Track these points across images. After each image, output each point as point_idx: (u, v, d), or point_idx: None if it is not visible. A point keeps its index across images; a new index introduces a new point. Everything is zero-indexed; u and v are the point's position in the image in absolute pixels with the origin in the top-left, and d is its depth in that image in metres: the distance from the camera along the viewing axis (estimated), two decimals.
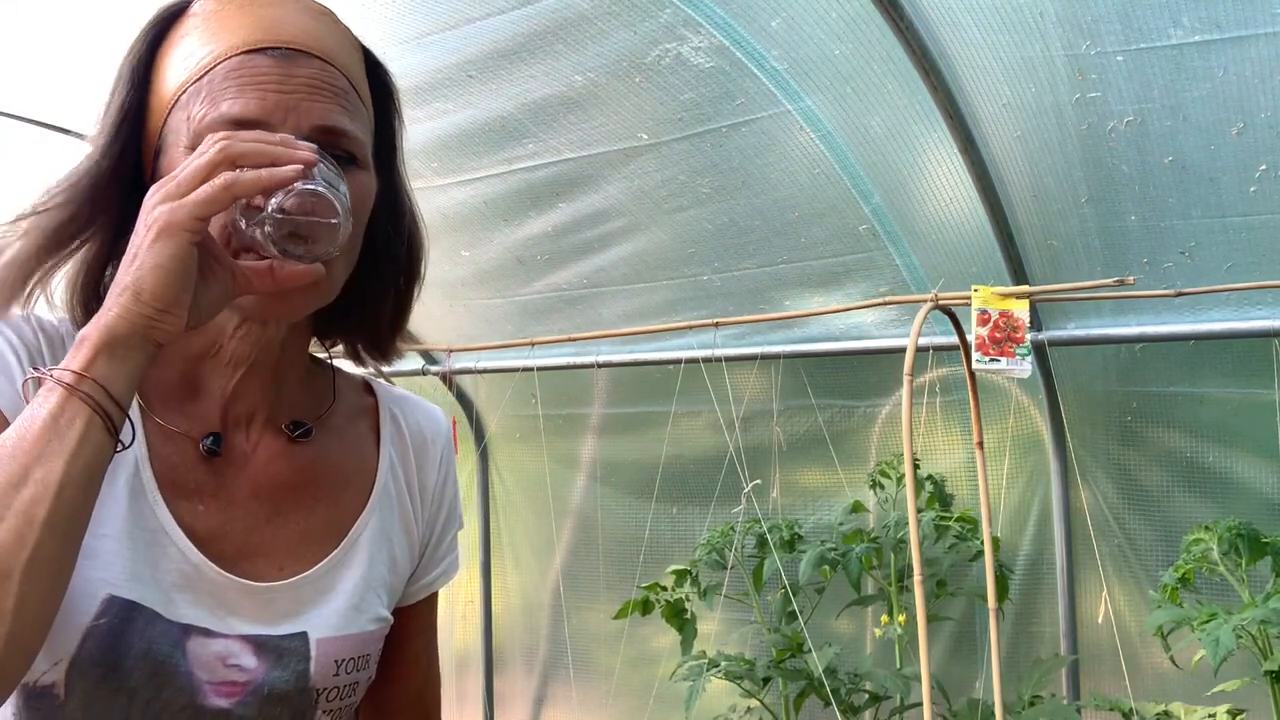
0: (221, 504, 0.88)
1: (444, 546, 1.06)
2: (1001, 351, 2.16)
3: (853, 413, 3.26)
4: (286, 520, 0.91)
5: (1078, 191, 2.44)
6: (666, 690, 3.21)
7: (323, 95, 0.83)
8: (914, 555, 2.10)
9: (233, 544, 0.87)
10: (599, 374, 3.64)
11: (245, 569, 0.87)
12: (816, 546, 2.84)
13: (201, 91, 0.81)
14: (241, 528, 0.88)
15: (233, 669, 0.85)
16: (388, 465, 1.00)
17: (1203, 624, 2.09)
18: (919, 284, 2.82)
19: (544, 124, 2.73)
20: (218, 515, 0.87)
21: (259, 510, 0.90)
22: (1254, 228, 2.35)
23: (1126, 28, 2.06)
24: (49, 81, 2.91)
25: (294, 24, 0.84)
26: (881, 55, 2.26)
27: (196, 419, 0.90)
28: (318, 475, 0.94)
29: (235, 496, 0.89)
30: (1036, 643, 2.99)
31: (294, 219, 0.76)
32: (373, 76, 0.93)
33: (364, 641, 0.93)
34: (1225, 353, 2.65)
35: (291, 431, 0.94)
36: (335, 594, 0.92)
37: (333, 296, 0.87)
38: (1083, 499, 2.86)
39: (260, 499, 0.90)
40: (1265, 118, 2.14)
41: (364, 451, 0.99)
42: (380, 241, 0.94)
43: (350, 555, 0.94)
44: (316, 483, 0.94)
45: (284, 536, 0.90)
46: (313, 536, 0.92)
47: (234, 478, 0.90)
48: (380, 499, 0.97)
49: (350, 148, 0.84)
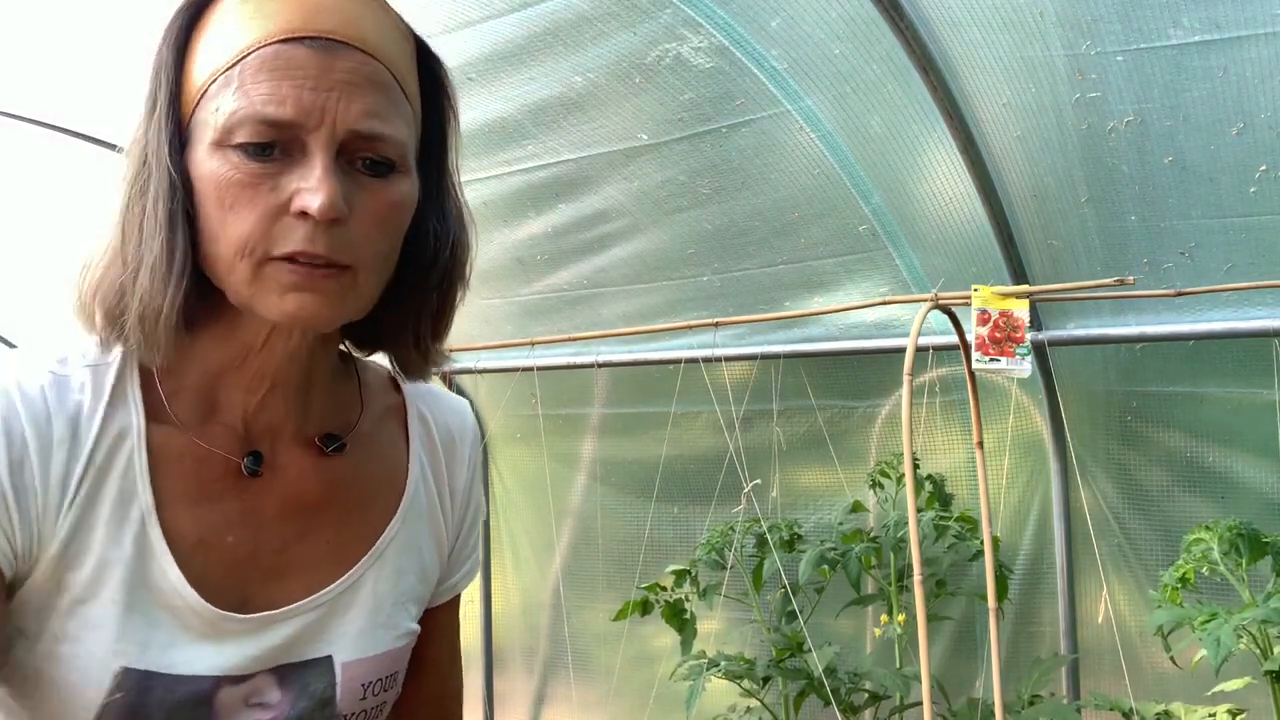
0: (251, 529, 0.83)
1: (468, 547, 1.02)
2: (1001, 351, 2.16)
3: (852, 412, 3.26)
4: (317, 537, 0.87)
5: (1078, 191, 2.44)
6: (666, 690, 3.21)
7: (362, 94, 0.76)
8: (914, 555, 2.10)
9: (261, 568, 0.83)
10: (599, 374, 3.64)
11: (274, 592, 0.83)
12: (816, 546, 2.84)
13: (232, 82, 0.75)
14: (269, 550, 0.84)
15: (255, 708, 0.81)
16: (418, 470, 0.95)
17: (1203, 624, 2.09)
18: (919, 284, 2.82)
19: (544, 125, 2.73)
20: (248, 542, 0.83)
21: (289, 530, 0.85)
22: (1254, 228, 2.36)
23: (1126, 28, 2.06)
24: (49, 81, 2.91)
25: (336, 11, 0.77)
26: (881, 55, 2.26)
27: (218, 438, 0.84)
28: (348, 487, 0.90)
29: (265, 518, 0.84)
30: (1036, 642, 2.99)
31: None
32: (423, 68, 0.85)
33: (392, 660, 0.89)
34: (1225, 353, 2.65)
35: (325, 446, 0.89)
36: (360, 611, 0.88)
37: (368, 306, 0.81)
38: (1083, 499, 2.86)
39: (288, 518, 0.86)
40: (1265, 118, 2.14)
41: (394, 456, 0.94)
42: (423, 245, 0.87)
43: (376, 569, 0.89)
44: (347, 495, 0.89)
45: (312, 554, 0.86)
46: (342, 552, 0.88)
47: (262, 497, 0.85)
48: (410, 507, 0.93)
49: (387, 152, 0.78)
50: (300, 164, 0.75)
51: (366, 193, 0.77)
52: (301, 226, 0.74)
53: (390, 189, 0.79)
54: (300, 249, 0.74)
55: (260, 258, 0.75)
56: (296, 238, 0.74)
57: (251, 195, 0.74)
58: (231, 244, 0.75)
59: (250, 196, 0.74)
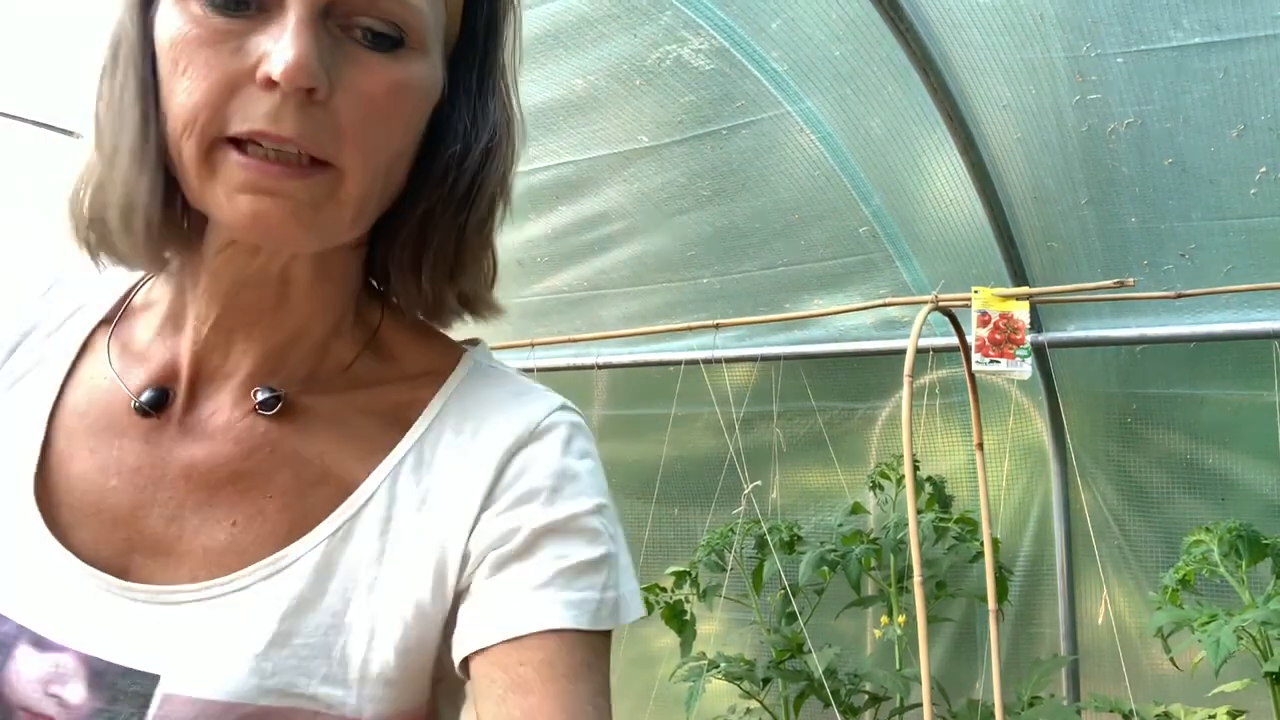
0: (143, 480, 0.65)
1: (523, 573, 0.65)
2: (1001, 353, 2.16)
3: (853, 414, 3.26)
4: (220, 516, 0.65)
5: (1078, 193, 2.44)
6: (666, 691, 3.21)
7: None
8: (914, 556, 2.10)
9: (147, 534, 0.64)
10: (599, 375, 3.64)
11: (157, 568, 0.64)
12: (816, 548, 2.84)
13: None
14: (159, 514, 0.65)
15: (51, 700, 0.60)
16: (391, 473, 0.68)
17: (1203, 625, 2.09)
18: (919, 285, 2.83)
19: (544, 128, 2.73)
20: (131, 493, 0.65)
21: (187, 496, 0.65)
22: (1254, 230, 2.36)
23: (1126, 30, 2.06)
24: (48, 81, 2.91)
25: None
26: (881, 57, 2.26)
27: (144, 364, 0.69)
28: (283, 463, 0.67)
29: (164, 473, 0.66)
30: (1036, 644, 2.99)
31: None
32: None
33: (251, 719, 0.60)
34: (1225, 354, 2.65)
35: (255, 398, 0.68)
36: (231, 632, 0.61)
37: (357, 225, 0.63)
38: (1083, 500, 2.86)
39: (192, 481, 0.65)
40: (1265, 120, 2.14)
41: (366, 453, 0.68)
42: (446, 148, 0.67)
43: (276, 583, 0.63)
44: (275, 472, 0.66)
45: (208, 536, 0.64)
46: (244, 545, 0.64)
47: (171, 450, 0.66)
48: (365, 517, 0.66)
49: (394, 16, 0.60)
50: (275, 21, 0.58)
51: (361, 68, 0.60)
52: (266, 99, 0.57)
53: (395, 67, 0.61)
54: (260, 128, 0.57)
55: (210, 137, 0.58)
56: (256, 112, 0.57)
57: (209, 56, 0.57)
58: (177, 119, 0.59)
59: (206, 57, 0.57)
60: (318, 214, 0.59)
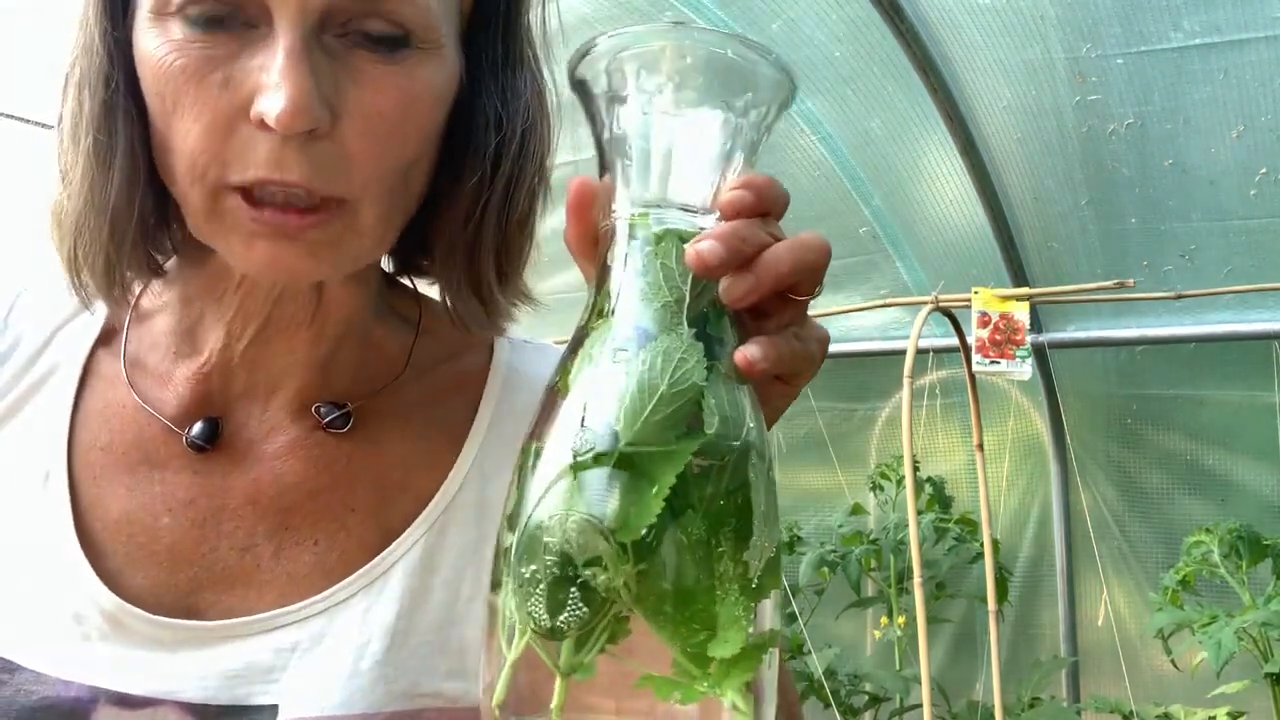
0: (200, 513, 0.60)
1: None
2: (1001, 353, 2.16)
3: (853, 415, 3.26)
4: (299, 538, 0.61)
5: (1078, 194, 2.44)
6: None
7: None
8: (914, 557, 2.10)
9: (211, 567, 0.60)
10: None
11: (234, 600, 0.60)
12: (816, 548, 2.84)
13: None
14: (228, 546, 0.60)
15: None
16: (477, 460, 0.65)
17: (1204, 626, 2.09)
18: (919, 286, 2.83)
19: None
20: (189, 528, 0.60)
21: (257, 523, 0.61)
22: (1254, 231, 2.36)
23: (1127, 31, 2.06)
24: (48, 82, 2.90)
25: None
26: (882, 58, 2.26)
27: (185, 389, 0.63)
28: (356, 475, 0.63)
29: (224, 502, 0.61)
30: (1036, 645, 2.99)
31: None
32: None
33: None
34: (1225, 355, 2.65)
35: (323, 418, 0.63)
36: (337, 648, 0.59)
37: (381, 246, 0.59)
38: (1083, 501, 2.86)
39: (261, 508, 0.61)
40: (1265, 121, 2.14)
41: (444, 438, 0.66)
42: (475, 141, 0.62)
43: (373, 592, 0.61)
44: (351, 486, 0.63)
45: (291, 560, 0.61)
46: (332, 563, 0.61)
47: (228, 476, 0.62)
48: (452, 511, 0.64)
49: (398, 15, 0.53)
50: (264, 42, 0.52)
51: (365, 84, 0.54)
52: (265, 141, 0.52)
53: (404, 75, 0.54)
54: (264, 175, 0.52)
55: (214, 184, 0.53)
56: (258, 158, 0.52)
57: (197, 94, 0.52)
58: (182, 161, 0.54)
59: (195, 95, 0.52)
60: (338, 250, 0.56)
